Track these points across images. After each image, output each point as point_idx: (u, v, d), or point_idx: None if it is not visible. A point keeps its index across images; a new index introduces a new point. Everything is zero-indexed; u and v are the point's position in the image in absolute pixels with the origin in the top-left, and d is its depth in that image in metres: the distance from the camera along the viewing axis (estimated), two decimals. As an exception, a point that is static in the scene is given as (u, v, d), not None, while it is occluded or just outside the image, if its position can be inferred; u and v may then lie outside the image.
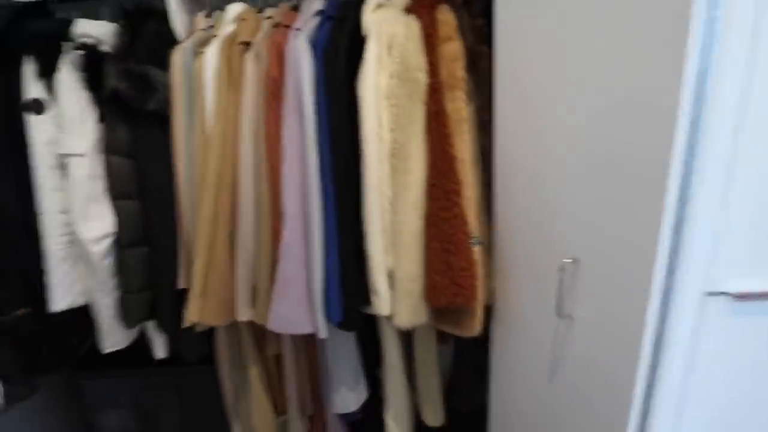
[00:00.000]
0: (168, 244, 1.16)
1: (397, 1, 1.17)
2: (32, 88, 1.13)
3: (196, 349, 1.29)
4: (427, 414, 1.36)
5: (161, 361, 1.31)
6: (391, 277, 1.11)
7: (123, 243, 1.14)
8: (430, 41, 1.08)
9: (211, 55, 1.12)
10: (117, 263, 1.15)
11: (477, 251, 1.10)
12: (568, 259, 0.86)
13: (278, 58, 1.10)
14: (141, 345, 1.29)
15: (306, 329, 1.10)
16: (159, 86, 1.09)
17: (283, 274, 1.09)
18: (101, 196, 1.12)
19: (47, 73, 1.13)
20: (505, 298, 1.16)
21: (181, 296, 1.16)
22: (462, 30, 1.10)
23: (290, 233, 1.08)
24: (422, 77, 1.07)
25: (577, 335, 0.89)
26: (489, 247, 1.17)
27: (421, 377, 1.34)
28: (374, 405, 1.37)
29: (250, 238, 1.14)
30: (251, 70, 1.10)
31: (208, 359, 1.33)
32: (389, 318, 1.12)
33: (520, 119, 1.00)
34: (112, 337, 1.20)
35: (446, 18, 1.09)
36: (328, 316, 1.10)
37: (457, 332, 1.15)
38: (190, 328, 1.18)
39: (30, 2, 1.23)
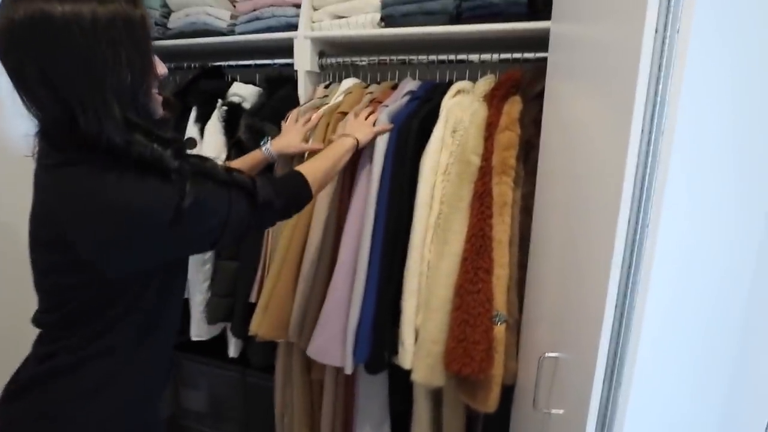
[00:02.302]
0: (252, 263, 1.42)
1: (478, 89, 1.31)
2: (191, 129, 1.52)
3: (261, 357, 1.52)
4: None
5: (235, 360, 1.57)
6: (417, 334, 1.21)
7: (221, 256, 1.44)
8: (491, 129, 1.19)
9: (314, 119, 1.38)
10: (213, 270, 1.45)
11: (499, 329, 1.14)
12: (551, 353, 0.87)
13: (362, 127, 1.31)
14: (222, 344, 1.57)
15: (336, 362, 1.24)
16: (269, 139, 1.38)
17: (326, 310, 1.26)
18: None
19: (203, 119, 1.51)
20: (525, 382, 1.16)
21: (253, 309, 1.41)
22: (524, 122, 1.18)
23: (338, 277, 1.25)
24: (475, 160, 1.17)
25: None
26: (518, 327, 1.19)
27: (447, 440, 1.36)
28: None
29: (311, 273, 1.34)
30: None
31: (272, 369, 1.55)
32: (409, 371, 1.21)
33: (551, 206, 1.04)
34: (198, 329, 1.49)
35: (510, 109, 1.19)
36: (356, 355, 1.23)
37: (473, 404, 1.18)
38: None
39: (208, 67, 1.66)
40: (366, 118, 1.28)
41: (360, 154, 1.30)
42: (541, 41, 1.17)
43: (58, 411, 0.80)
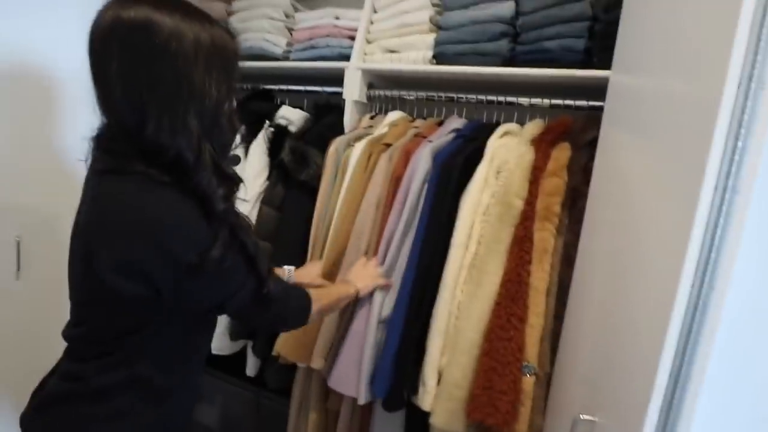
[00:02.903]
0: (281, 284, 1.42)
1: (526, 132, 1.29)
2: (237, 148, 1.55)
3: (278, 380, 1.49)
4: None
5: (251, 380, 1.55)
6: (440, 376, 1.16)
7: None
8: (536, 173, 1.16)
9: (358, 148, 1.38)
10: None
11: (528, 381, 1.09)
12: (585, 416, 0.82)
13: (405, 161, 1.31)
14: (241, 360, 1.55)
15: (351, 392, 1.21)
16: (312, 164, 1.39)
17: (348, 337, 1.24)
18: (249, 234, 1.45)
19: (249, 139, 1.54)
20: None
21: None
22: (572, 169, 1.16)
23: (360, 307, 1.23)
24: (518, 203, 1.15)
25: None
26: (548, 382, 1.13)
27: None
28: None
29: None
30: (382, 165, 1.33)
31: (288, 393, 1.52)
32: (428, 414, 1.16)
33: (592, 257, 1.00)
34: (220, 343, 1.48)
35: (559, 155, 1.17)
36: (374, 389, 1.20)
37: (494, 458, 1.12)
38: (277, 360, 1.39)
39: (260, 89, 1.70)
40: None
41: (395, 186, 1.29)
42: (595, 89, 1.15)
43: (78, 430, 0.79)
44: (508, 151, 1.23)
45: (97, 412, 0.79)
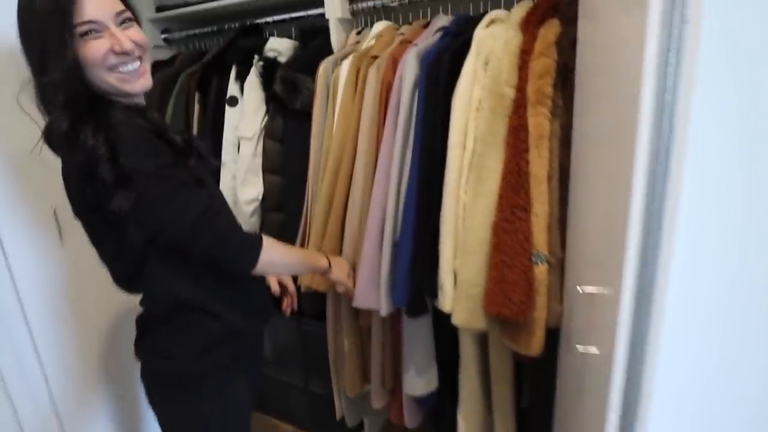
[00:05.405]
0: (296, 213, 1.45)
1: (514, 16, 1.21)
2: (232, 87, 1.55)
3: (313, 306, 1.57)
4: (497, 423, 1.37)
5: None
6: (456, 277, 1.18)
7: (266, 207, 1.48)
8: (525, 57, 1.10)
9: (345, 66, 1.35)
10: (260, 222, 1.50)
11: (540, 269, 1.08)
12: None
13: (393, 67, 1.27)
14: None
15: (373, 305, 1.25)
16: (303, 90, 1.38)
17: (363, 254, 1.27)
18: (257, 170, 1.48)
19: (242, 76, 1.53)
20: (569, 323, 1.10)
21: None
22: (563, 45, 1.08)
23: (371, 219, 1.25)
24: (509, 92, 1.10)
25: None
26: (562, 267, 1.12)
27: (495, 384, 1.34)
28: (453, 401, 1.44)
29: (356, 221, 1.34)
30: (372, 78, 1.29)
31: (324, 317, 1.59)
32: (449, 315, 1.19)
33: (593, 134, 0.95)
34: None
35: (546, 33, 1.09)
36: (395, 299, 1.23)
37: (516, 348, 1.15)
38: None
39: (247, 26, 1.67)
40: None
41: (388, 96, 1.26)
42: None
43: (163, 348, 1.01)
44: (494, 39, 1.16)
45: (169, 330, 0.99)
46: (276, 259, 1.03)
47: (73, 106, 0.83)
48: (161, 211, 0.86)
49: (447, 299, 1.19)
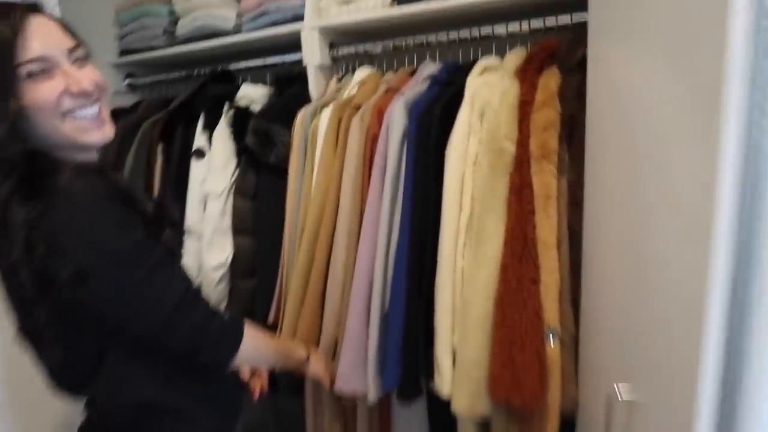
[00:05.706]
0: (270, 280, 1.29)
1: (508, 64, 1.12)
2: (199, 137, 1.41)
3: (288, 380, 1.38)
4: None
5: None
6: (454, 356, 1.03)
7: (236, 273, 1.32)
8: (525, 108, 1.00)
9: (325, 116, 1.23)
10: (228, 291, 1.33)
11: (552, 347, 0.94)
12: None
13: (378, 118, 1.15)
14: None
15: (358, 389, 1.09)
16: (278, 143, 1.25)
17: (347, 330, 1.11)
18: (226, 231, 1.32)
19: (211, 126, 1.40)
20: (587, 409, 0.96)
21: (274, 330, 1.27)
22: (565, 96, 0.99)
23: (356, 288, 1.10)
24: (509, 147, 0.99)
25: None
26: (575, 344, 0.99)
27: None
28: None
29: (338, 290, 1.18)
30: (355, 129, 1.17)
31: (301, 391, 1.41)
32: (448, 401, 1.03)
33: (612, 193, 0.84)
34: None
35: (548, 82, 1.00)
36: (384, 380, 1.07)
37: (527, 437, 0.99)
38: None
39: (218, 72, 1.55)
40: None
41: (374, 149, 1.14)
42: (579, 2, 0.97)
43: None
44: (490, 89, 1.06)
45: None
46: (258, 350, 0.88)
47: (10, 170, 0.66)
48: (133, 300, 0.70)
49: (445, 381, 1.04)
